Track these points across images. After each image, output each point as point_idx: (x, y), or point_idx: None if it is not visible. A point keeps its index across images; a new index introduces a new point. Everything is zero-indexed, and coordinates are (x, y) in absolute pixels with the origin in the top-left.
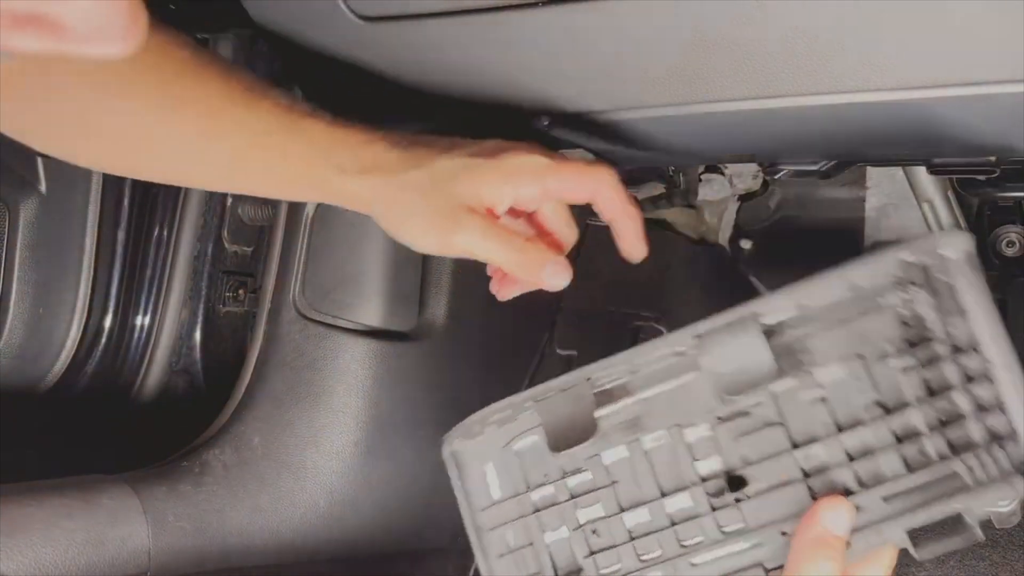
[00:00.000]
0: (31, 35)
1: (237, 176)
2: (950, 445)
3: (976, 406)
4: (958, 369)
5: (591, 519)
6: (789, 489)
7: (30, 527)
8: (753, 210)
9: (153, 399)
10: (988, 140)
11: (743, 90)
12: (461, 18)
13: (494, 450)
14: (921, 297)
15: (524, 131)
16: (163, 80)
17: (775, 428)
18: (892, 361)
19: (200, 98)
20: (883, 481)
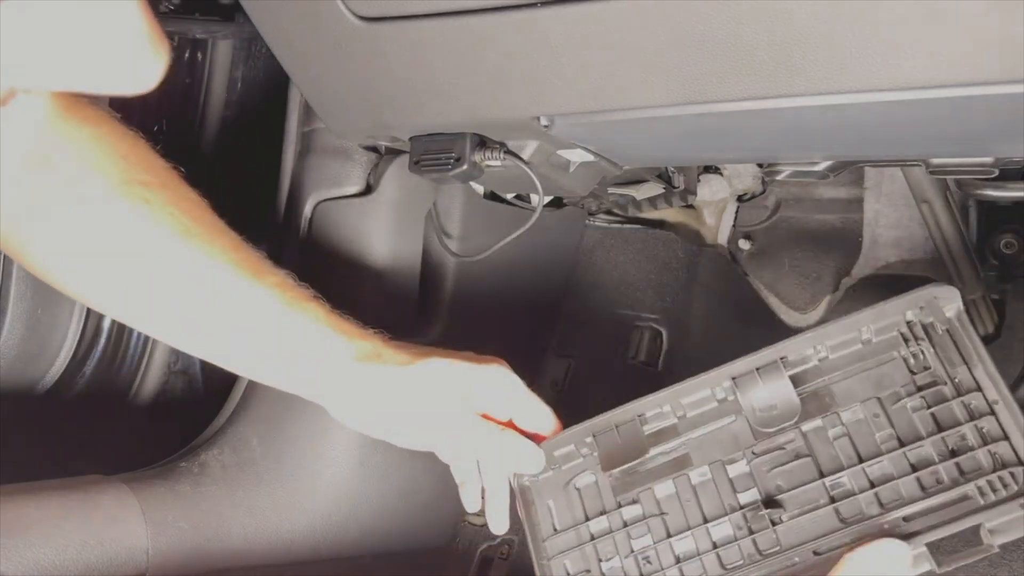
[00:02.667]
0: (42, 70)
1: (226, 335)
2: (960, 471)
3: (982, 438)
4: (963, 407)
5: (643, 547)
6: (819, 513)
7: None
8: (752, 210)
9: (152, 400)
10: (987, 140)
11: (743, 90)
12: (461, 18)
13: (557, 487)
14: (926, 348)
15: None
16: (181, 229)
17: (805, 460)
18: (905, 402)
19: (214, 253)
20: (903, 503)
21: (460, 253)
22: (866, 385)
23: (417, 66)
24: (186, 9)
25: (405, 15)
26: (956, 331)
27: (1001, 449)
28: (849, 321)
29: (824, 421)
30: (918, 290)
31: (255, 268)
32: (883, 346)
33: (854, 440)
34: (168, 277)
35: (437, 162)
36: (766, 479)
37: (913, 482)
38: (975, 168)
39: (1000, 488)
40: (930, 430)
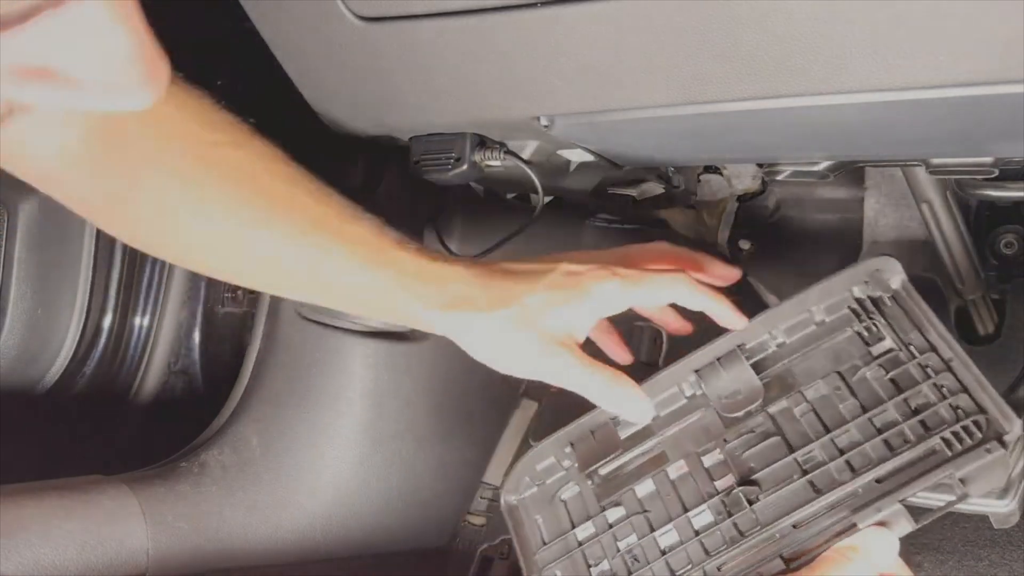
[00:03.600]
0: (41, 87)
1: (320, 293)
2: (925, 427)
3: (941, 394)
4: (920, 368)
5: (629, 546)
6: (793, 486)
7: (29, 527)
8: (752, 210)
9: (152, 399)
10: (987, 140)
11: (743, 90)
12: (461, 18)
13: (544, 502)
14: (877, 320)
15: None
16: (259, 190)
17: (774, 439)
18: (864, 372)
19: (294, 212)
20: (873, 465)
21: (460, 253)
22: (825, 361)
23: (417, 66)
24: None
25: (405, 15)
26: (903, 300)
27: (961, 401)
28: (797, 300)
29: (789, 401)
30: (859, 264)
31: (335, 225)
32: (836, 324)
33: (820, 414)
34: (253, 245)
35: (437, 162)
36: (739, 463)
37: (880, 444)
38: (975, 168)
39: (965, 437)
40: (891, 394)
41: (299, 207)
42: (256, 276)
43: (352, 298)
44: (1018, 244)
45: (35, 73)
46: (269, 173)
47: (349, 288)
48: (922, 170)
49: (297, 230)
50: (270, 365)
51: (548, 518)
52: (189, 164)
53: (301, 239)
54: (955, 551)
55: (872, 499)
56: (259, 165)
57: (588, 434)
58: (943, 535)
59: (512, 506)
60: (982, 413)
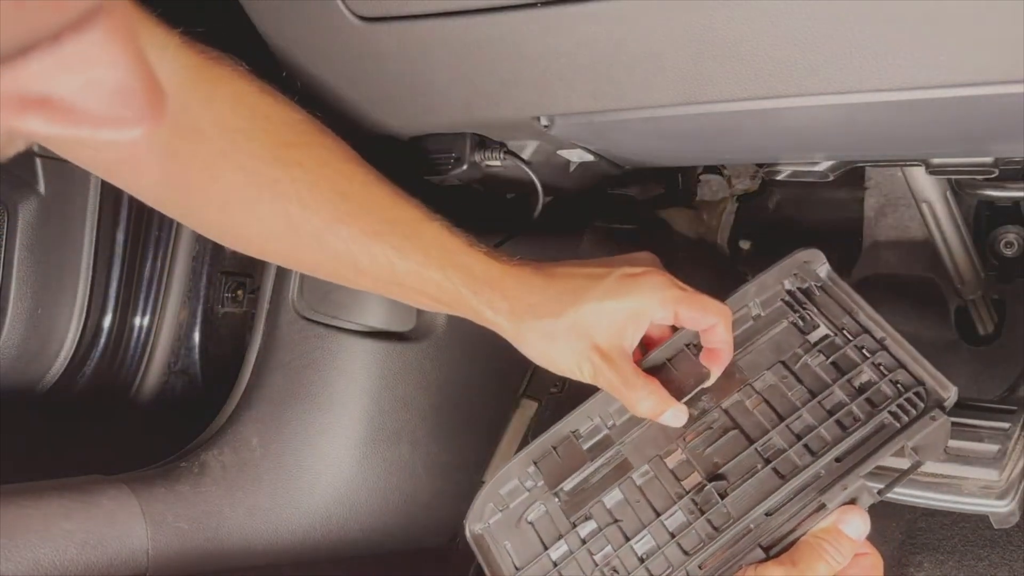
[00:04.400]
0: (39, 118)
1: (390, 288)
2: (871, 404)
3: (881, 372)
4: (857, 350)
5: (606, 558)
6: (759, 476)
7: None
8: (752, 210)
9: (152, 399)
10: (987, 140)
11: (743, 90)
12: (461, 18)
13: (510, 526)
14: (810, 309)
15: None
16: (335, 189)
17: (733, 433)
18: (806, 359)
19: (371, 212)
20: (830, 446)
21: None
22: (767, 354)
23: (417, 66)
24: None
25: (405, 15)
26: (831, 288)
27: (900, 376)
28: (735, 298)
29: (740, 395)
30: (787, 258)
31: (410, 226)
32: (772, 317)
33: (771, 403)
34: (329, 244)
35: (437, 162)
36: (703, 460)
37: (833, 425)
38: (975, 168)
39: (910, 408)
40: (834, 377)
41: (375, 207)
42: (332, 271)
43: (424, 295)
44: (1017, 244)
45: (35, 103)
46: (344, 174)
47: (421, 287)
48: (922, 170)
49: (372, 230)
50: (270, 365)
51: (517, 542)
52: (266, 164)
53: (377, 239)
54: (955, 551)
55: (836, 478)
56: (334, 165)
57: (551, 451)
58: (943, 535)
59: (477, 535)
60: (920, 385)
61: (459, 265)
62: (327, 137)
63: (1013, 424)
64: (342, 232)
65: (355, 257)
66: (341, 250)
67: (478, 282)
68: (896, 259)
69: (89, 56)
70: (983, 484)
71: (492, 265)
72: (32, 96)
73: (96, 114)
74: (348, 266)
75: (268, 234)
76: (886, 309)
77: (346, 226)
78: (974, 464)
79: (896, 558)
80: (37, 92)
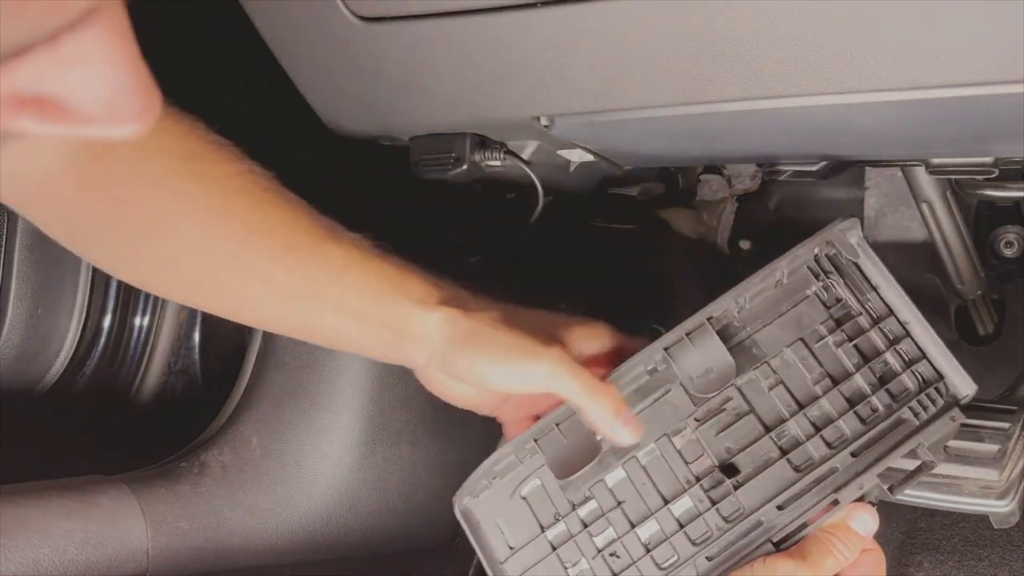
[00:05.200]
0: (34, 117)
1: (308, 313)
2: (892, 396)
3: (904, 361)
4: (881, 334)
5: (607, 542)
6: (774, 468)
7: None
8: (752, 210)
9: (152, 399)
10: (987, 140)
11: (743, 90)
12: (461, 18)
13: (502, 501)
14: (836, 280)
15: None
16: (246, 206)
17: (748, 417)
18: (827, 339)
19: (279, 228)
20: (848, 441)
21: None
22: (787, 328)
23: (417, 66)
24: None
25: (405, 15)
26: (860, 258)
27: (923, 368)
28: (766, 271)
29: (756, 372)
30: (826, 229)
31: (332, 237)
32: (796, 285)
33: (788, 386)
34: (239, 264)
35: (437, 162)
36: (714, 444)
37: (852, 417)
38: (975, 168)
39: (929, 405)
40: (856, 362)
41: (295, 220)
42: (238, 293)
43: (339, 308)
44: (1018, 244)
45: (30, 103)
46: (264, 188)
47: (340, 295)
48: (922, 170)
49: (291, 242)
50: (270, 365)
51: (510, 520)
52: (182, 179)
53: (294, 249)
54: (955, 551)
55: (852, 475)
56: (253, 181)
57: (553, 427)
58: (943, 535)
59: (467, 510)
60: (941, 379)
61: (377, 268)
62: (245, 158)
63: (1013, 424)
64: (259, 243)
65: (268, 271)
66: (255, 264)
67: (402, 275)
68: (896, 259)
69: (85, 55)
70: (983, 484)
71: (409, 269)
72: (26, 95)
73: (89, 112)
74: (259, 282)
75: (178, 252)
76: None
77: (263, 238)
78: (974, 464)
79: (896, 558)
80: (31, 91)
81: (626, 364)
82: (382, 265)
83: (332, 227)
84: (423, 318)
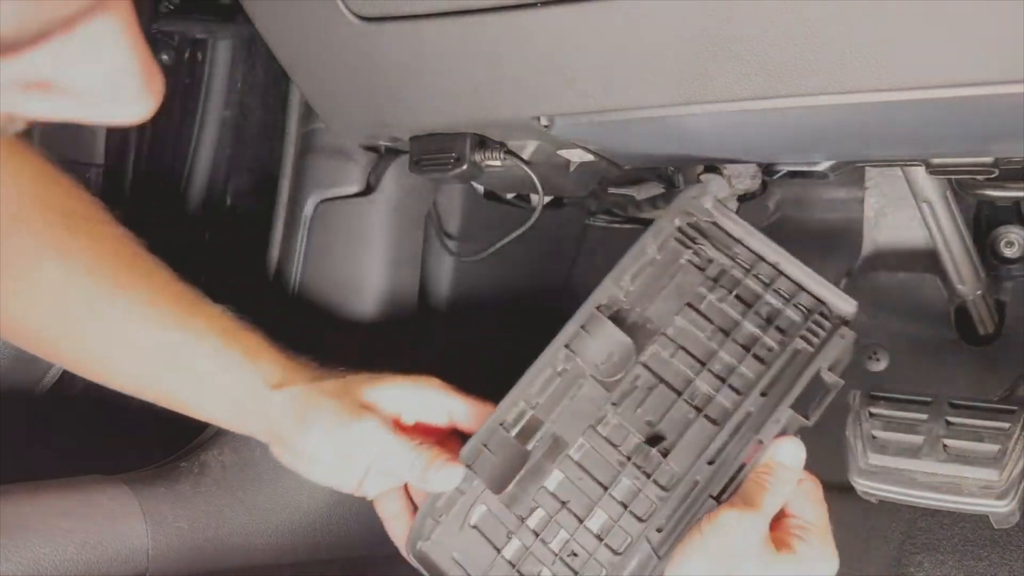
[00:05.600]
0: (40, 100)
1: (152, 369)
2: (782, 332)
3: (784, 298)
4: (757, 279)
5: (562, 544)
6: (694, 427)
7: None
8: (752, 210)
9: None
10: (987, 140)
11: (743, 90)
12: (461, 18)
13: (454, 535)
14: (703, 244)
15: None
16: (114, 264)
17: (659, 388)
18: (710, 297)
19: (143, 289)
20: (753, 383)
21: (460, 253)
22: (672, 298)
23: (417, 66)
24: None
25: (405, 15)
26: (718, 218)
27: (802, 299)
28: (635, 249)
29: (655, 346)
30: (677, 200)
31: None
32: (669, 258)
33: (688, 349)
34: (97, 318)
35: (437, 162)
36: (635, 421)
37: (752, 360)
38: (975, 168)
39: (818, 330)
40: (741, 310)
41: (159, 280)
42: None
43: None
44: (1018, 244)
45: (37, 86)
46: (131, 249)
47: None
48: (922, 170)
49: (153, 300)
50: None
51: (466, 552)
52: (57, 229)
53: (155, 307)
54: (955, 551)
55: (767, 413)
56: (122, 241)
57: (481, 448)
58: (943, 535)
59: (421, 554)
60: (823, 304)
61: (240, 336)
62: (114, 221)
63: (1013, 424)
64: (121, 300)
65: (127, 328)
66: (115, 320)
67: (259, 350)
68: (896, 259)
69: (96, 41)
70: (983, 484)
71: (268, 344)
72: (35, 79)
73: (97, 96)
74: (117, 339)
75: (38, 302)
76: (886, 309)
77: (126, 294)
78: (974, 464)
79: (896, 558)
80: (43, 76)
81: (531, 369)
82: (239, 337)
83: (196, 296)
84: (267, 397)
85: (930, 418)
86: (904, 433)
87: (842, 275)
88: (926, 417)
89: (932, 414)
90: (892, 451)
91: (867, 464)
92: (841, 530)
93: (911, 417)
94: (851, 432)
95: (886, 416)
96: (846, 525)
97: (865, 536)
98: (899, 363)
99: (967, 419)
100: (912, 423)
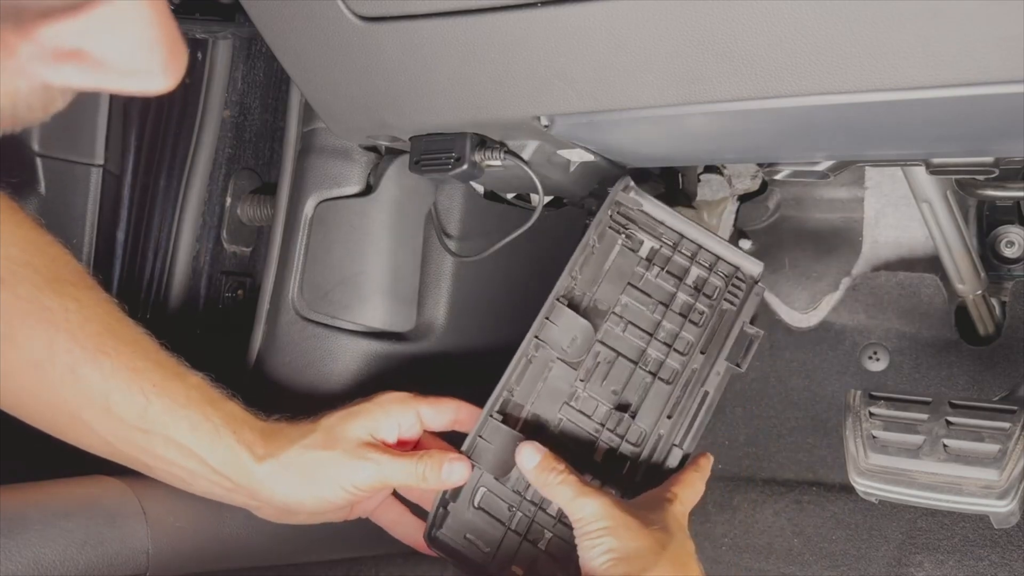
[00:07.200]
0: (73, 69)
1: (133, 435)
2: (709, 297)
3: (706, 268)
4: (683, 255)
5: (559, 510)
6: (653, 390)
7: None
8: (752, 210)
9: None
10: (987, 140)
11: (743, 90)
12: (461, 18)
13: (464, 519)
14: (633, 229)
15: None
16: (97, 329)
17: (618, 360)
18: (646, 275)
19: (125, 354)
20: (694, 344)
21: (460, 253)
22: (615, 281)
23: (417, 66)
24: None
25: (405, 15)
26: (644, 206)
27: (722, 267)
28: (582, 242)
29: (608, 324)
30: (609, 195)
31: (171, 370)
32: (607, 246)
33: (635, 323)
34: (78, 382)
35: (437, 162)
36: (603, 392)
37: (689, 325)
38: (975, 168)
39: (737, 291)
40: (673, 283)
41: (142, 348)
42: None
43: (170, 443)
44: (1018, 244)
45: (69, 55)
46: (115, 316)
47: (172, 429)
48: (922, 170)
49: (134, 366)
50: (270, 365)
51: (477, 533)
52: (42, 292)
53: (137, 375)
54: (955, 551)
55: (709, 367)
56: (106, 307)
57: (477, 439)
58: (943, 535)
59: (440, 541)
60: (737, 269)
61: (220, 406)
62: (98, 287)
63: (1013, 424)
64: (104, 364)
65: (108, 393)
66: (96, 384)
67: (238, 421)
68: (896, 259)
69: (124, 13)
70: (983, 484)
71: (249, 413)
72: (67, 48)
73: (126, 66)
74: (97, 404)
75: (19, 363)
76: (886, 309)
77: (109, 359)
78: (974, 464)
79: (896, 558)
80: (74, 45)
81: (513, 363)
82: (220, 407)
83: (178, 363)
84: (251, 469)
85: (930, 418)
86: (904, 433)
87: (842, 275)
88: (926, 417)
89: (932, 414)
90: (892, 451)
91: (867, 464)
92: (841, 530)
93: (911, 417)
94: (851, 432)
95: (886, 416)
96: (846, 525)
97: (865, 536)
98: (899, 363)
99: (967, 419)
100: (912, 423)
